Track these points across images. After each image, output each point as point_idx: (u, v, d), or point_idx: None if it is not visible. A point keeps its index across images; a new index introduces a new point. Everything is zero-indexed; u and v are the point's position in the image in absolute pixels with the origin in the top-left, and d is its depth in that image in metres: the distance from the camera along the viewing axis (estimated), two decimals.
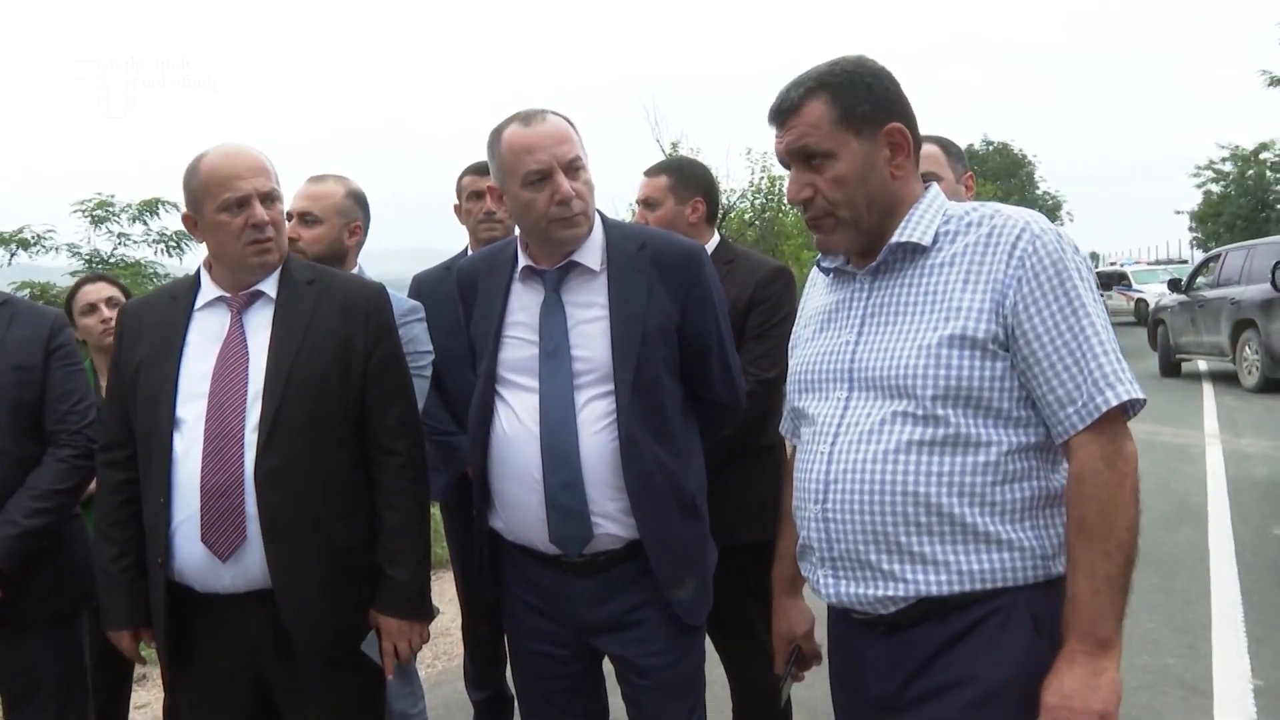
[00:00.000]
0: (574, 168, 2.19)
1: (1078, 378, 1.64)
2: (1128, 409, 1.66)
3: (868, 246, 1.82)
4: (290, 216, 2.95)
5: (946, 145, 3.26)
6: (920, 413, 1.69)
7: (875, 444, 1.72)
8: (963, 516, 1.67)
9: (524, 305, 2.28)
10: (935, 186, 1.84)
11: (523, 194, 2.19)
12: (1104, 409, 1.63)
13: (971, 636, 1.69)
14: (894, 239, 1.77)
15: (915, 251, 1.77)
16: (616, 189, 15.84)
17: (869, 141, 1.75)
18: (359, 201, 3.09)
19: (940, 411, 1.68)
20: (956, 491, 1.67)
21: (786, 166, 1.82)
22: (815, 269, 2.00)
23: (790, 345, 2.05)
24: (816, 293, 1.99)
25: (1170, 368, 15.18)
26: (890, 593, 1.72)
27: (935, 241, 1.76)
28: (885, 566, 1.72)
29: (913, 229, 1.77)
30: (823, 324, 1.91)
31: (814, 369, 1.87)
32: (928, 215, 1.78)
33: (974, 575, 1.68)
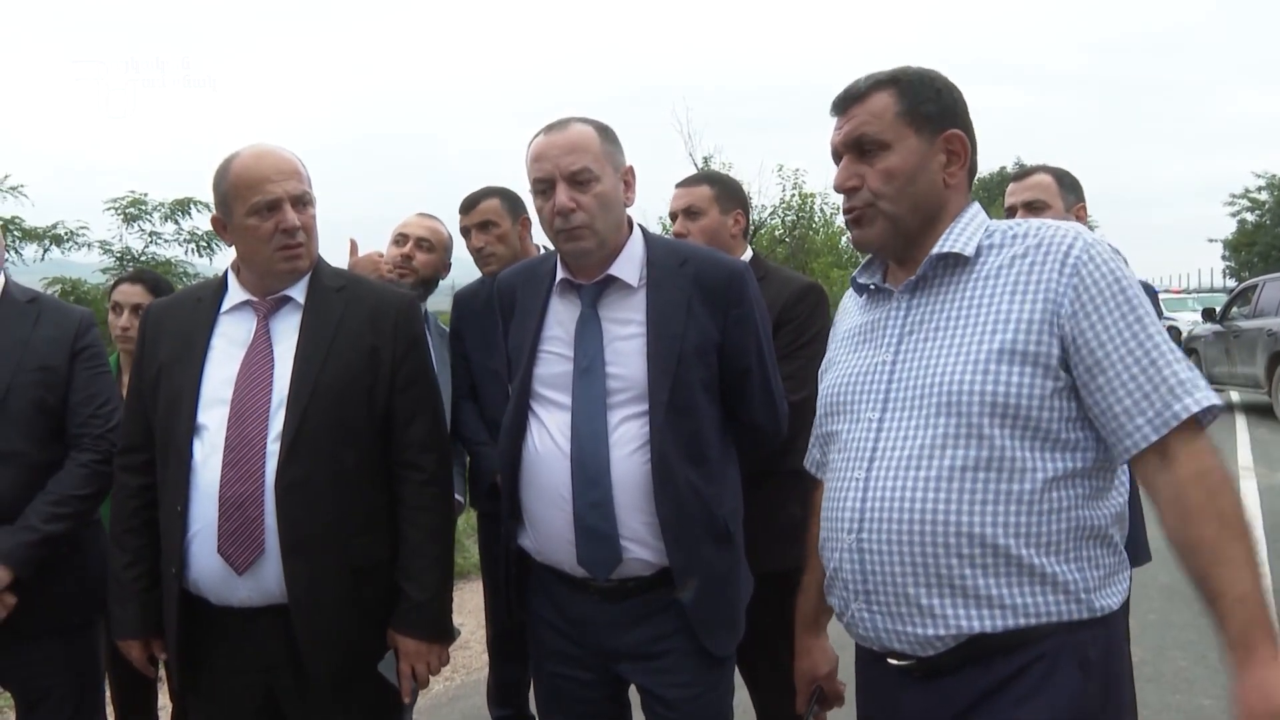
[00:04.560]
0: (580, 179, 2.11)
1: (1145, 386, 1.55)
2: (1201, 420, 1.56)
3: (904, 253, 1.76)
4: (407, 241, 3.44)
5: (1060, 175, 3.18)
6: (966, 431, 1.60)
7: (919, 470, 1.63)
8: (1008, 548, 1.58)
9: (560, 320, 2.22)
10: (977, 204, 1.78)
11: (535, 201, 2.18)
12: (1182, 416, 1.53)
13: (1015, 683, 1.60)
14: (935, 250, 1.71)
15: (957, 264, 1.71)
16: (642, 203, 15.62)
17: (927, 142, 1.71)
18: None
19: (988, 430, 1.59)
20: (1002, 523, 1.58)
21: (838, 161, 1.77)
22: (849, 291, 1.93)
23: (821, 370, 1.96)
24: (849, 316, 1.92)
25: None
26: (934, 631, 1.62)
27: (978, 254, 1.70)
28: (924, 601, 1.62)
29: (954, 240, 1.70)
30: (856, 345, 1.83)
31: (845, 390, 1.79)
32: (970, 228, 1.72)
33: (1019, 610, 1.59)
